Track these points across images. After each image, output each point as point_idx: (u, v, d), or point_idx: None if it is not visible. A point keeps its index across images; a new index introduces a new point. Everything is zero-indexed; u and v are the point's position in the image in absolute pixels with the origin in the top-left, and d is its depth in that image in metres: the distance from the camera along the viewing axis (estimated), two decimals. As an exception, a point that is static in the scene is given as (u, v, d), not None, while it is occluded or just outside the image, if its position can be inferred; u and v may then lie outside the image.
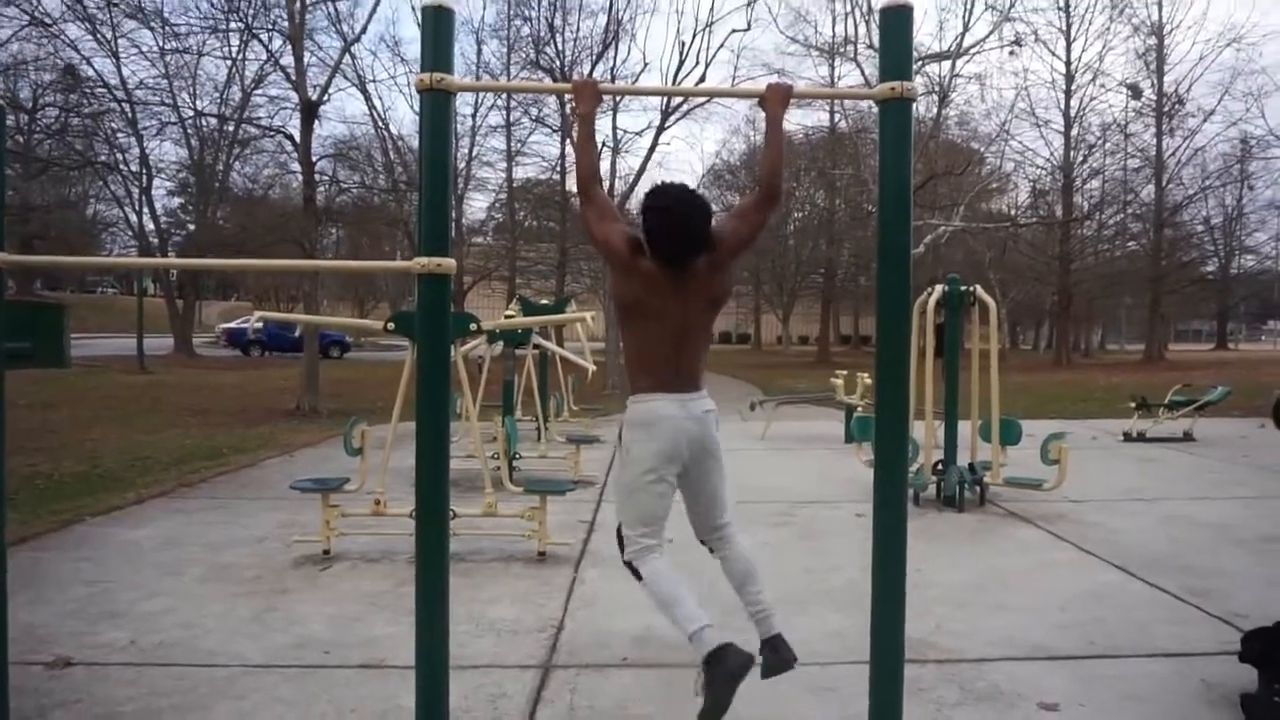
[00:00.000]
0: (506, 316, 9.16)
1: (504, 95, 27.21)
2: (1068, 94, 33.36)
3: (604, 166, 23.73)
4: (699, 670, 2.74)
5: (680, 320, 2.87)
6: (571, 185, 26.12)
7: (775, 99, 2.72)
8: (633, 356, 2.97)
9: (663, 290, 2.84)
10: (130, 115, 24.59)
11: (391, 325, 5.42)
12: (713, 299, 2.95)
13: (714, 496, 3.03)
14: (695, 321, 2.91)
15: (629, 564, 2.97)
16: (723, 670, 2.66)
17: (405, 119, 46.86)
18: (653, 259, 2.83)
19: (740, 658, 2.69)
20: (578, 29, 24.51)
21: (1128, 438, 11.15)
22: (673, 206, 2.81)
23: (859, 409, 10.75)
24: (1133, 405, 11.71)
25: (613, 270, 2.95)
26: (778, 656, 2.91)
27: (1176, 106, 32.27)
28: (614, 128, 23.49)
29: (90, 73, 24.63)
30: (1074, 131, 33.66)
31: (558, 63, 23.16)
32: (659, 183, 2.95)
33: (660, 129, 21.57)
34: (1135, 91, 32.64)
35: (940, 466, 7.10)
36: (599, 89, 2.84)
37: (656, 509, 2.93)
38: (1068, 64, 33.35)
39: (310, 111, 15.06)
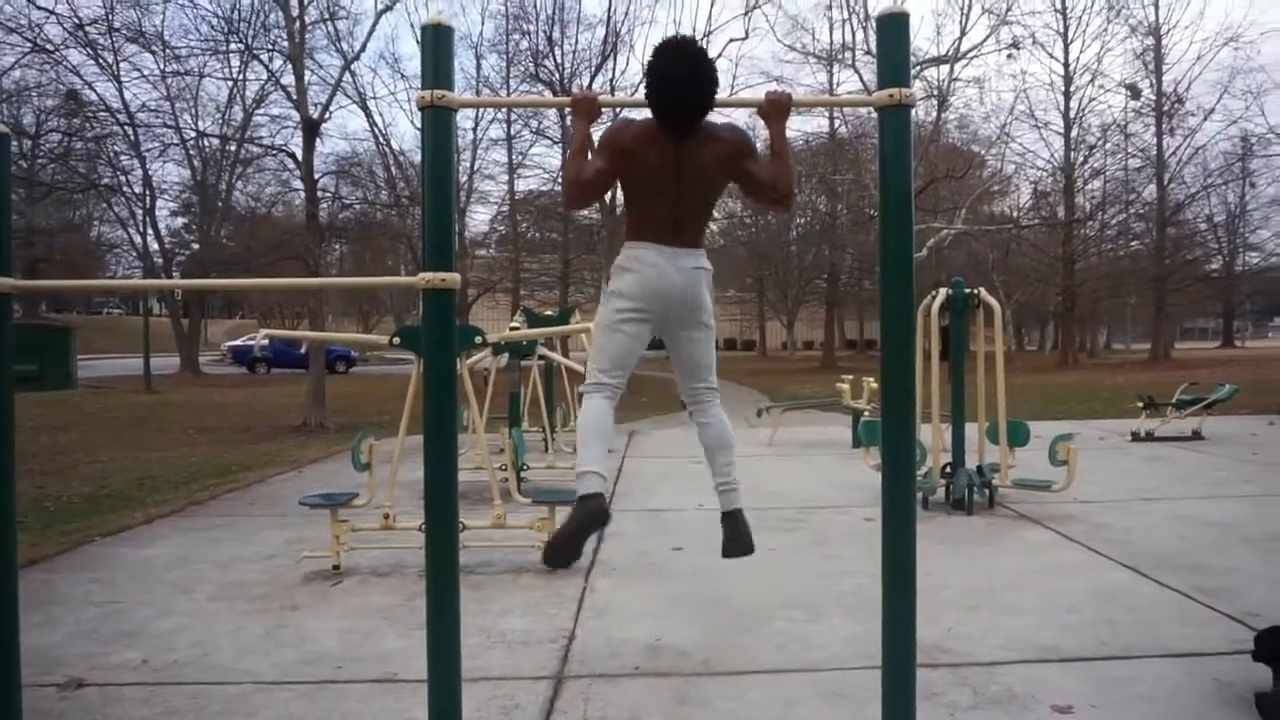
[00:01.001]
0: (511, 329, 9.18)
1: (505, 109, 27.35)
2: (1067, 95, 33.43)
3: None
4: (574, 503, 2.91)
5: (677, 193, 2.87)
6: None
7: (775, 109, 2.72)
8: (630, 219, 3.00)
9: (663, 165, 2.83)
10: (133, 138, 24.78)
11: (397, 340, 5.44)
12: (711, 186, 2.95)
13: (696, 360, 3.07)
14: (692, 197, 2.91)
15: (580, 394, 3.05)
16: (583, 510, 2.83)
17: (406, 134, 47.06)
18: (654, 116, 2.80)
19: (599, 510, 2.84)
20: (576, 41, 24.70)
21: (1135, 437, 11.12)
22: (679, 67, 2.74)
23: (865, 413, 10.75)
24: (1140, 405, 11.68)
25: (621, 172, 2.89)
26: (735, 534, 3.02)
27: (1176, 106, 32.32)
28: (614, 138, 23.56)
29: (92, 97, 24.84)
30: (1074, 132, 33.71)
31: (557, 75, 23.28)
32: (667, 38, 2.86)
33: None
34: (1134, 92, 32.70)
35: (948, 469, 7.09)
36: (598, 102, 2.85)
37: (623, 349, 2.98)
38: (1066, 66, 33.44)
39: (312, 130, 15.16)
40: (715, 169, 2.89)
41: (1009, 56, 31.40)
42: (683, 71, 2.74)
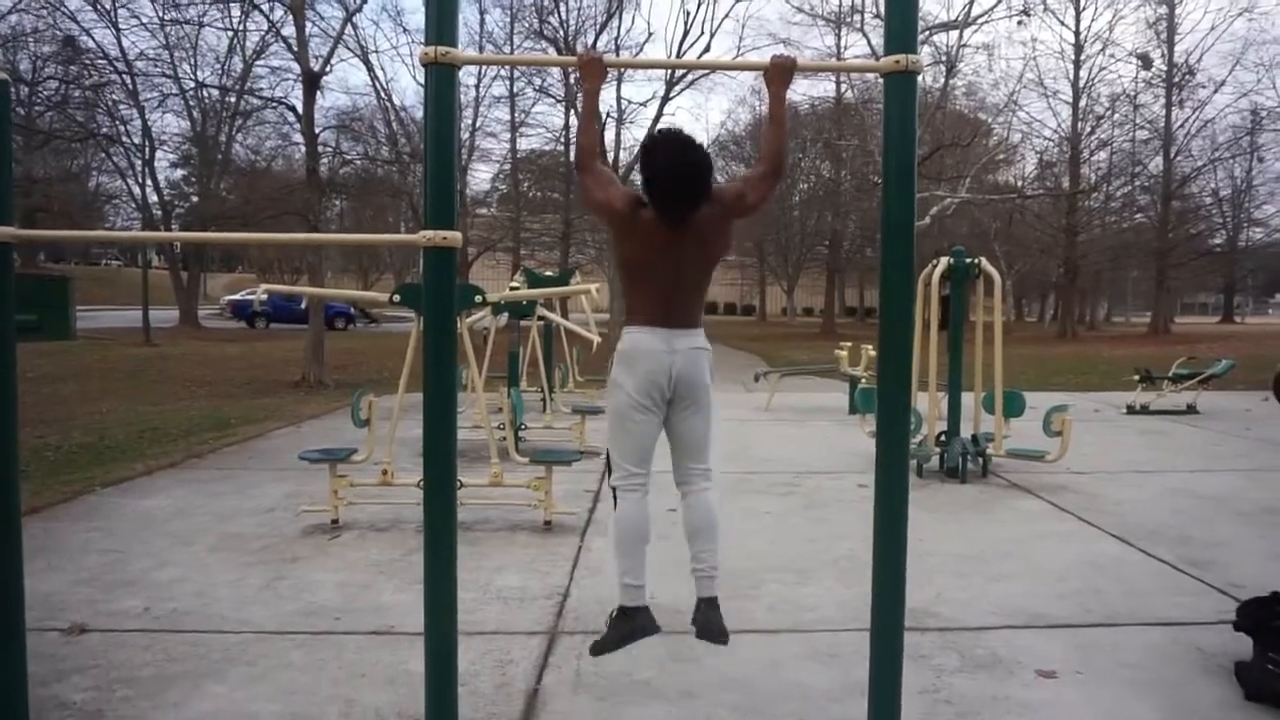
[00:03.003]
0: (511, 288, 9.17)
1: (508, 66, 27.02)
2: (1077, 64, 33.01)
3: (608, 137, 23.62)
4: (612, 611, 2.95)
5: (677, 272, 2.87)
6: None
7: (779, 74, 2.70)
8: (628, 299, 2.98)
9: (661, 244, 2.83)
10: (131, 87, 24.48)
11: (397, 298, 5.44)
12: (711, 254, 2.93)
13: (690, 441, 2.96)
14: (692, 274, 2.90)
15: (613, 489, 3.02)
16: (627, 625, 2.87)
17: (408, 89, 46.56)
18: (652, 208, 2.81)
19: (646, 624, 2.88)
20: (581, -2, 24.29)
21: (1131, 410, 11.17)
22: (672, 152, 2.78)
23: (863, 380, 10.78)
24: (1136, 378, 11.72)
25: (613, 230, 2.93)
26: (707, 622, 2.86)
27: (1187, 77, 31.94)
28: (618, 98, 23.39)
29: (90, 44, 24.51)
30: (1082, 102, 33.33)
31: (561, 33, 22.97)
32: (660, 129, 2.91)
33: (665, 99, 21.43)
34: (1145, 61, 32.27)
35: (943, 438, 7.14)
36: (604, 63, 2.82)
37: (638, 439, 2.94)
38: (1077, 33, 32.97)
39: (312, 82, 14.98)
40: (711, 229, 2.87)
41: (1019, 23, 31.02)
42: (678, 153, 2.76)
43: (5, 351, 2.49)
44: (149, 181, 28.45)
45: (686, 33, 22.65)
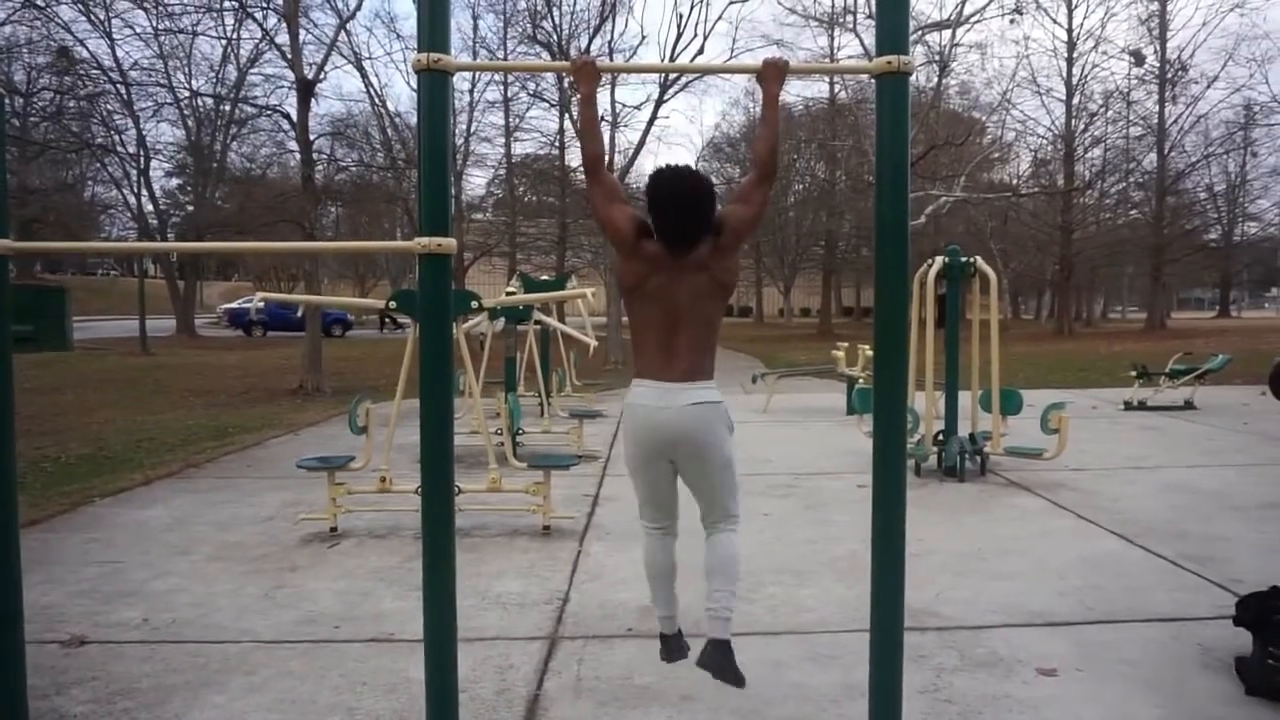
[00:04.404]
0: (508, 293, 9.17)
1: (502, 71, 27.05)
2: (1069, 61, 33.08)
3: (604, 140, 23.60)
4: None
5: (681, 305, 2.82)
6: (570, 160, 26.01)
7: (772, 76, 2.70)
8: (634, 338, 2.95)
9: (665, 274, 2.81)
10: (126, 96, 24.48)
11: (394, 304, 5.44)
12: (718, 284, 2.88)
13: (705, 495, 2.92)
14: (697, 307, 2.84)
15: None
16: (664, 650, 3.09)
17: (403, 96, 46.60)
18: (658, 241, 2.82)
19: (676, 650, 3.07)
20: (574, 2, 24.41)
21: (1128, 406, 11.18)
22: (676, 188, 2.78)
23: (860, 381, 10.78)
24: (1134, 374, 11.73)
25: (617, 253, 2.93)
26: (715, 661, 2.83)
27: (1179, 73, 32.01)
28: (612, 101, 23.36)
29: (84, 54, 24.51)
30: (1076, 100, 33.39)
31: (555, 37, 22.96)
32: (663, 165, 2.90)
33: (659, 102, 21.43)
34: (1138, 58, 32.34)
35: (941, 437, 7.14)
36: (598, 68, 2.82)
37: (650, 491, 2.95)
38: (1069, 31, 33.05)
39: (307, 90, 14.97)
40: (716, 258, 2.84)
41: (1011, 22, 31.06)
42: (681, 189, 2.77)
43: (2, 363, 2.49)
44: (144, 191, 28.49)
45: (680, 36, 22.76)
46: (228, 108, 27.53)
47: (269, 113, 23.33)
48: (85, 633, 3.81)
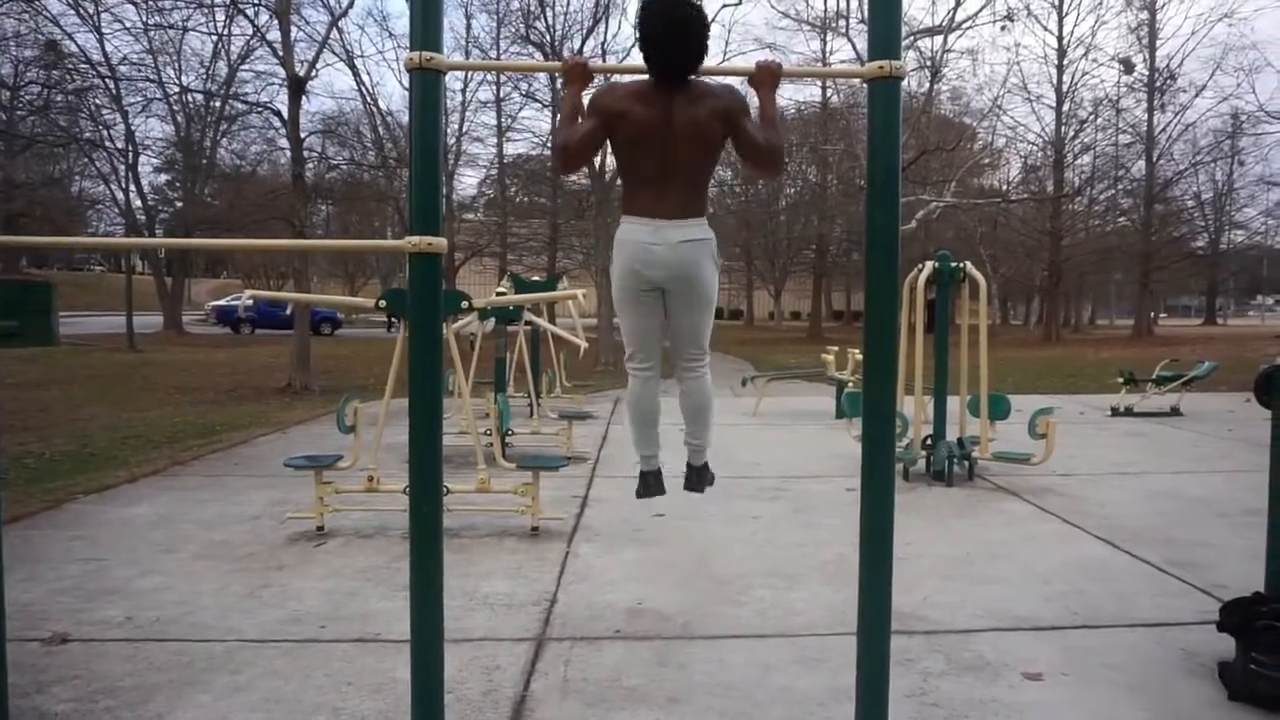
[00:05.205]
0: (498, 294, 9.15)
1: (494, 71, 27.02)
2: (1060, 69, 33.25)
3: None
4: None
5: (672, 149, 2.82)
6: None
7: (765, 79, 2.70)
8: (624, 179, 3.00)
9: (656, 129, 2.80)
10: (114, 91, 24.34)
11: (383, 303, 5.42)
12: (703, 146, 2.86)
13: (684, 330, 3.10)
14: (688, 151, 2.84)
15: (627, 368, 3.26)
16: (643, 485, 3.38)
17: (394, 94, 46.48)
18: (649, 70, 2.77)
19: (655, 485, 3.37)
20: (568, 3, 24.44)
21: (1115, 412, 11.24)
22: (665, 19, 2.74)
23: (849, 385, 10.81)
24: (1120, 380, 11.79)
25: (611, 139, 2.86)
26: (694, 479, 3.39)
27: (1168, 82, 32.26)
28: (605, 104, 23.36)
29: (73, 48, 24.34)
30: (1066, 107, 33.56)
31: (548, 37, 22.95)
32: None
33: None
34: (1127, 66, 32.56)
35: (930, 441, 7.17)
36: (589, 69, 2.81)
37: (637, 327, 3.11)
38: (1060, 38, 33.22)
39: (298, 87, 14.91)
40: (710, 122, 2.82)
41: (1003, 29, 31.22)
42: (674, 13, 2.73)
43: (-15, 359, 2.46)
44: (132, 186, 28.30)
45: (672, 38, 22.68)
46: (218, 104, 27.43)
47: (260, 109, 23.24)
48: (67, 631, 3.78)
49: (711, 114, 2.82)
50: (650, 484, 3.36)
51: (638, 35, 2.82)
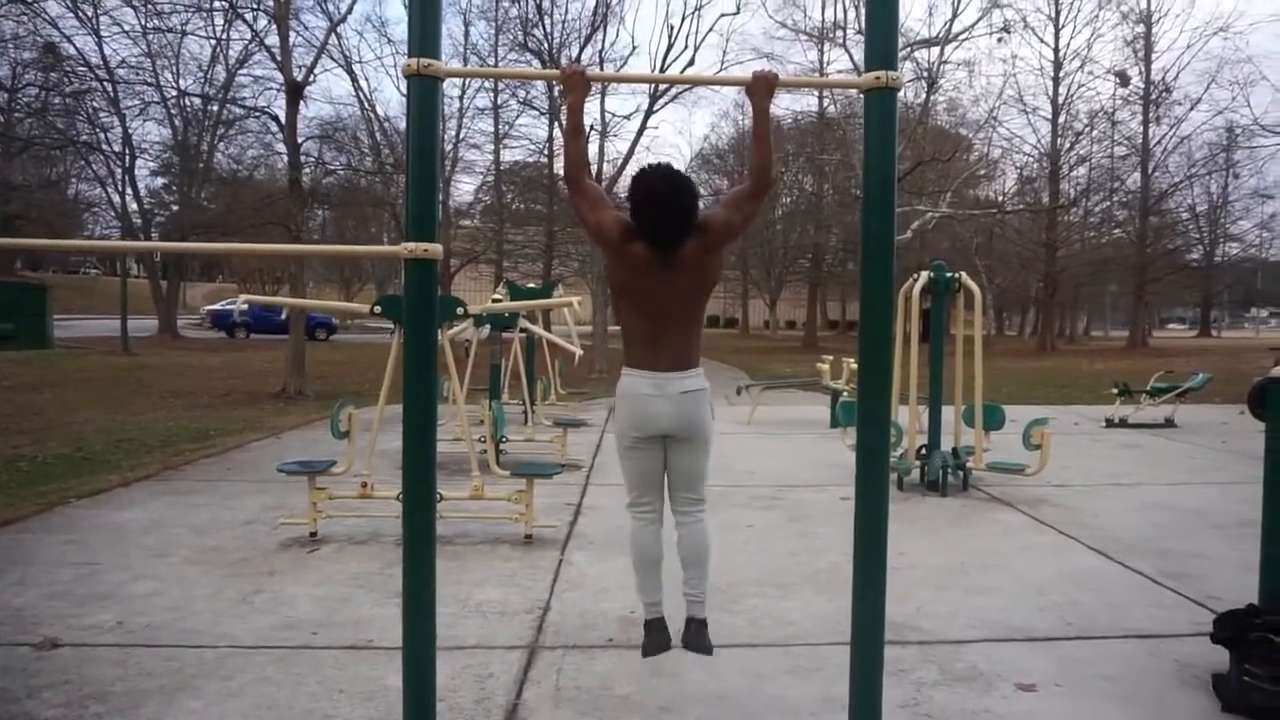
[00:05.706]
0: (494, 300, 9.15)
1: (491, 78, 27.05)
2: (1056, 81, 33.46)
3: (592, 150, 23.66)
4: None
5: (667, 303, 2.95)
6: (559, 168, 26.01)
7: (760, 89, 2.72)
8: (624, 333, 3.10)
9: (651, 273, 2.91)
10: (112, 94, 24.32)
11: (379, 309, 5.42)
12: (701, 283, 3.01)
13: (683, 475, 3.15)
14: (683, 304, 2.98)
15: (629, 510, 3.27)
16: (648, 638, 3.29)
17: (392, 100, 46.50)
18: (642, 241, 2.87)
19: (660, 640, 3.26)
20: (566, 11, 24.50)
21: (1110, 424, 11.27)
22: (659, 188, 2.85)
23: (844, 394, 10.82)
24: (1115, 391, 11.82)
25: (605, 255, 3.03)
26: (694, 638, 3.23)
27: (1164, 94, 32.44)
28: (602, 111, 23.43)
29: (71, 51, 24.35)
30: (1061, 119, 33.76)
31: (546, 45, 23.00)
32: (646, 164, 3.00)
33: (649, 113, 21.50)
34: (1123, 79, 32.75)
35: (924, 451, 7.17)
36: (587, 77, 2.82)
37: (639, 472, 3.16)
38: (1056, 51, 33.43)
39: (296, 92, 14.92)
40: (698, 255, 2.95)
41: (999, 40, 31.29)
42: (664, 189, 2.85)
43: (-22, 362, 2.45)
44: (129, 190, 28.28)
45: (670, 47, 22.81)
46: (215, 108, 27.43)
47: (257, 114, 23.29)
48: (58, 635, 3.76)
49: (699, 246, 2.94)
50: (656, 637, 3.25)
51: (630, 210, 2.91)
